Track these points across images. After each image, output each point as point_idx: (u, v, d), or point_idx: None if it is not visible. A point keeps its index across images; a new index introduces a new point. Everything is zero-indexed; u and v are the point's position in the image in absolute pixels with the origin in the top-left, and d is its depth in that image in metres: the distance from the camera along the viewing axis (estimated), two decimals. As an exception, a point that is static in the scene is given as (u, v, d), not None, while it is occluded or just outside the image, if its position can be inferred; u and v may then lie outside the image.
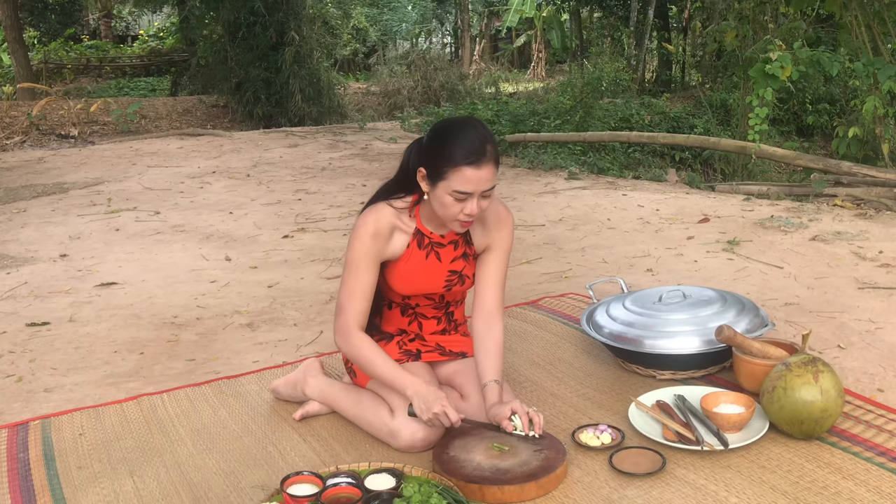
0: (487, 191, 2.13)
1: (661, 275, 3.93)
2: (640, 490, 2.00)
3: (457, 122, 2.18)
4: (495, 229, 2.34)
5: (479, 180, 2.10)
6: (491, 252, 2.35)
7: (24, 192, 6.98)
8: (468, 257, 2.36)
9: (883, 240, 4.42)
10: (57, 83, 18.72)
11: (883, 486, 1.96)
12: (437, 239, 2.30)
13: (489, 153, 2.11)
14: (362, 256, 2.23)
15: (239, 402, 2.66)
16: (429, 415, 2.11)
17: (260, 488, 2.11)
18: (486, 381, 2.27)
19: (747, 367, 2.42)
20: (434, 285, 2.34)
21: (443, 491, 1.92)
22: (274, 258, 4.60)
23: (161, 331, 3.45)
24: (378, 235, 2.23)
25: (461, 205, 2.13)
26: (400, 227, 2.27)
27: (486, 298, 2.35)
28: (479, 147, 2.10)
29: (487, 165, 2.10)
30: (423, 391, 2.14)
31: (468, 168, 2.09)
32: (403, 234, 2.28)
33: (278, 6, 13.41)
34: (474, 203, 2.13)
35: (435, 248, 2.31)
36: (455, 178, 2.10)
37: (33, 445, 2.41)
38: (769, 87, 6.35)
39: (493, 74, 18.96)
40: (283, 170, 7.95)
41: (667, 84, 16.68)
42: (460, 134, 2.12)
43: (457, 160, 2.09)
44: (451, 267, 2.33)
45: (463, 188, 2.10)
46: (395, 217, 2.26)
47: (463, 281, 2.37)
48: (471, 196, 2.12)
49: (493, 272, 2.35)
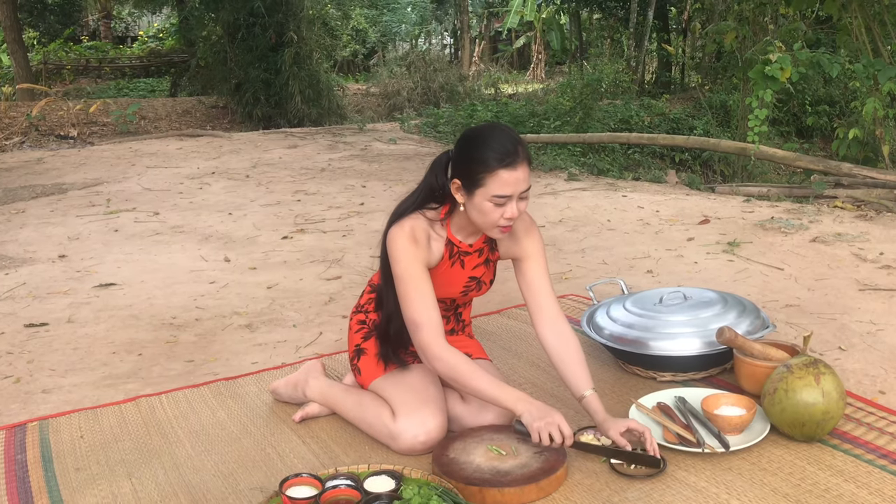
0: (525, 191, 2.12)
1: (661, 276, 3.93)
2: (640, 492, 1.99)
3: (484, 129, 2.17)
4: (525, 237, 2.32)
5: (516, 181, 2.09)
6: (527, 260, 2.32)
7: (22, 193, 6.97)
8: (489, 263, 2.35)
9: (883, 241, 4.41)
10: (56, 84, 18.72)
11: (885, 489, 1.95)
12: (465, 248, 2.29)
13: (521, 153, 2.10)
14: (414, 262, 2.17)
15: (238, 403, 2.65)
16: (541, 424, 2.03)
17: (259, 490, 2.10)
18: (582, 394, 2.19)
19: (748, 368, 2.41)
20: (453, 291, 2.34)
21: (442, 493, 1.91)
22: (273, 259, 4.59)
23: (160, 332, 3.44)
24: (417, 241, 2.20)
25: (501, 209, 2.11)
26: (433, 237, 2.25)
27: (542, 306, 2.30)
28: (512, 148, 2.09)
29: (522, 165, 2.09)
30: (533, 405, 2.08)
31: (504, 171, 2.07)
32: (438, 244, 2.26)
33: (278, 7, 13.40)
34: (514, 205, 2.12)
35: (462, 258, 2.30)
36: (493, 183, 2.08)
37: (31, 447, 2.40)
38: (769, 89, 6.35)
39: (492, 76, 18.97)
40: (282, 171, 7.94)
41: (666, 85, 16.69)
42: (490, 138, 2.11)
43: (492, 164, 2.08)
44: (471, 273, 2.33)
45: (501, 192, 2.08)
46: (428, 226, 2.24)
47: (480, 287, 2.36)
48: (510, 199, 2.10)
49: (538, 278, 2.31)
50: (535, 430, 2.04)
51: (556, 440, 2.04)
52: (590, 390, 2.19)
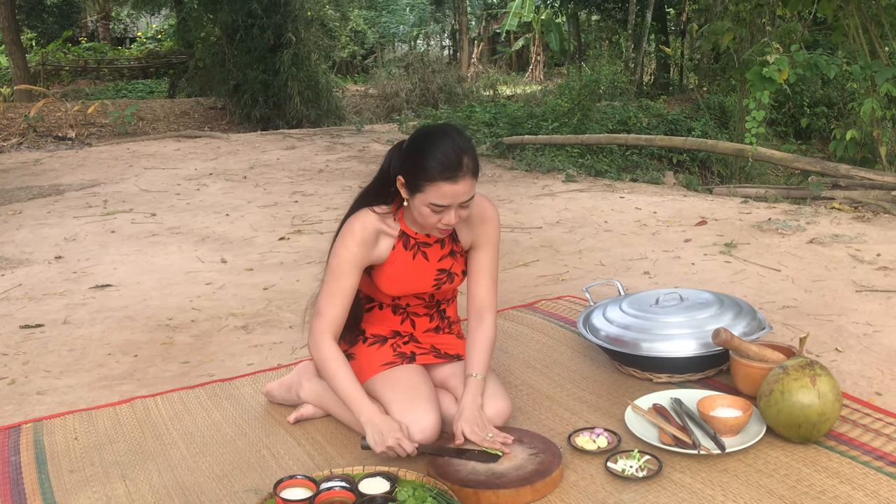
0: (466, 202, 2.12)
1: (658, 277, 3.92)
2: (636, 494, 1.99)
3: (434, 133, 2.14)
4: (480, 225, 2.32)
5: (455, 194, 2.08)
6: (478, 248, 2.35)
7: (19, 194, 6.96)
8: (455, 255, 2.35)
9: (881, 242, 4.41)
10: (54, 85, 18.72)
11: (880, 490, 1.95)
12: (422, 238, 2.30)
13: (466, 167, 2.07)
14: (346, 262, 2.21)
15: (233, 404, 2.64)
16: (382, 447, 2.07)
17: (253, 492, 2.09)
18: (468, 373, 2.27)
19: (744, 370, 2.41)
20: (423, 285, 2.33)
21: (437, 495, 1.91)
22: (270, 260, 4.58)
23: (155, 333, 3.43)
24: (364, 243, 2.21)
25: (439, 216, 2.12)
26: (385, 231, 2.26)
27: (476, 294, 2.35)
28: (456, 161, 2.06)
29: (464, 179, 2.07)
30: (377, 421, 2.10)
31: (445, 183, 2.06)
32: (388, 238, 2.27)
33: (276, 8, 13.40)
34: (451, 214, 2.11)
35: (422, 248, 2.30)
36: (431, 192, 2.08)
37: (25, 448, 2.39)
38: (766, 90, 6.34)
39: (490, 77, 18.97)
40: (280, 172, 7.94)
41: (664, 87, 16.70)
42: (437, 147, 2.08)
43: (433, 175, 2.06)
44: (439, 266, 2.32)
45: (440, 202, 2.08)
46: (379, 221, 2.25)
47: (452, 279, 2.36)
48: (448, 208, 2.10)
49: (481, 268, 2.35)
50: (378, 446, 2.08)
51: (401, 455, 2.07)
52: (473, 374, 2.26)
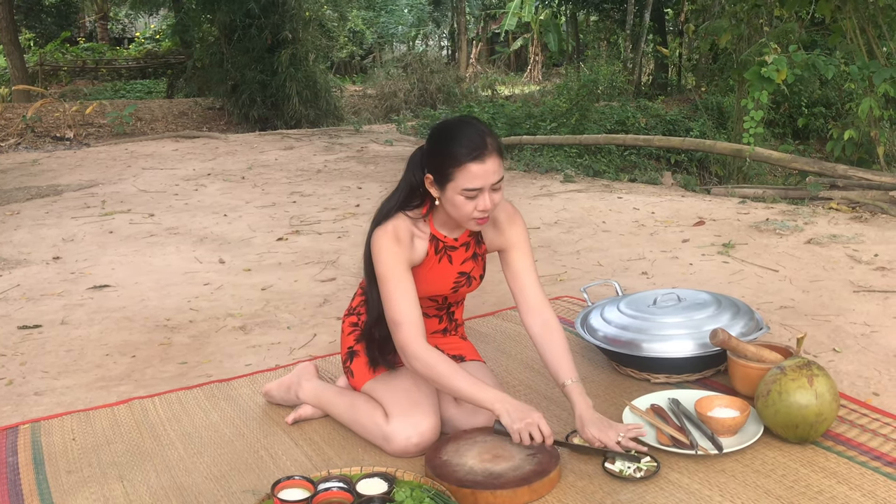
0: (496, 183, 2.12)
1: (655, 278, 3.92)
2: (633, 494, 1.99)
3: (453, 122, 2.19)
4: (509, 227, 2.32)
5: (485, 174, 2.09)
6: (512, 250, 2.33)
7: (17, 195, 6.96)
8: (477, 258, 2.35)
9: (878, 243, 4.41)
10: (52, 85, 18.71)
11: (878, 491, 1.95)
12: (450, 243, 2.30)
13: (490, 145, 2.10)
14: (396, 263, 2.18)
15: (231, 405, 2.64)
16: (521, 425, 2.03)
17: (251, 493, 2.09)
18: (563, 382, 2.20)
19: (742, 370, 2.41)
20: (442, 288, 2.34)
21: (435, 496, 1.91)
22: (268, 261, 4.58)
23: (153, 334, 3.43)
24: (402, 242, 2.20)
25: (473, 202, 2.12)
26: (417, 234, 2.26)
27: (527, 296, 2.31)
28: (480, 141, 2.09)
29: (491, 157, 2.09)
30: (512, 406, 2.08)
31: (473, 164, 2.08)
32: (422, 241, 2.26)
33: (274, 8, 13.40)
34: (486, 198, 2.12)
35: (448, 252, 2.30)
36: (462, 177, 2.09)
37: (22, 449, 2.39)
38: (764, 90, 6.35)
39: (489, 77, 18.99)
40: (278, 172, 7.94)
41: (663, 87, 16.72)
42: (458, 132, 2.12)
43: (460, 158, 2.09)
44: (461, 269, 2.33)
45: (471, 185, 2.09)
46: (411, 225, 2.24)
47: (470, 282, 2.36)
48: (481, 192, 2.11)
49: (523, 268, 2.32)
50: (515, 431, 2.05)
51: (537, 439, 2.05)
52: (570, 380, 2.19)
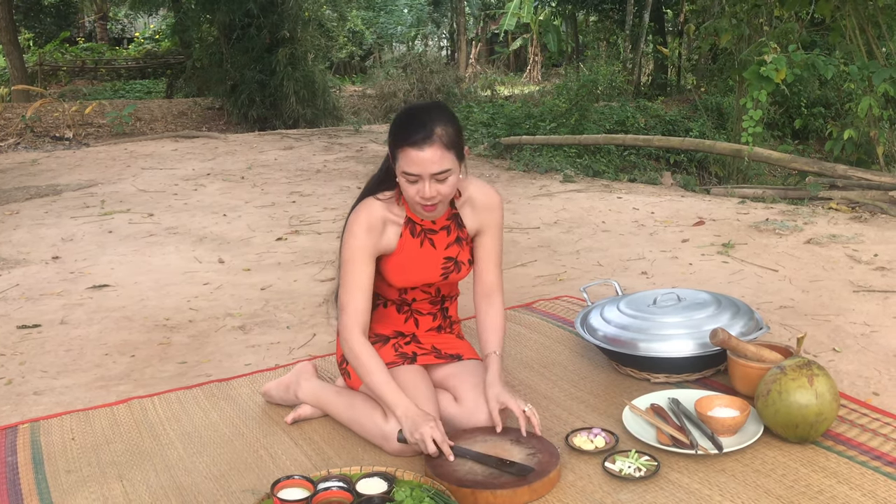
0: (439, 174, 2.10)
1: (655, 277, 3.92)
2: (633, 494, 1.99)
3: (414, 106, 2.20)
4: (485, 211, 2.35)
5: (422, 162, 2.07)
6: (483, 234, 2.37)
7: (17, 194, 6.95)
8: (461, 242, 2.36)
9: (878, 243, 4.41)
10: (52, 85, 18.71)
11: (878, 491, 1.95)
12: (428, 225, 2.30)
13: (436, 135, 2.07)
14: (358, 250, 2.22)
15: (230, 405, 2.63)
16: (416, 436, 2.06)
17: (250, 492, 2.09)
18: (486, 353, 2.32)
19: (742, 370, 2.41)
20: (431, 274, 2.34)
21: (435, 495, 1.90)
22: (267, 260, 4.58)
23: (153, 333, 3.42)
24: (371, 229, 2.23)
25: (415, 187, 2.13)
26: (391, 219, 2.27)
27: (483, 277, 2.39)
28: (420, 127, 2.07)
29: (432, 147, 2.07)
30: (413, 414, 2.10)
31: (411, 149, 2.08)
32: (395, 226, 2.28)
33: (273, 8, 13.40)
34: (426, 186, 2.11)
35: (428, 236, 2.31)
36: (402, 160, 2.11)
37: (22, 449, 2.39)
38: (763, 90, 6.35)
39: (488, 77, 18.98)
40: (277, 172, 7.94)
41: (662, 87, 16.72)
42: (410, 116, 2.14)
43: (399, 142, 2.10)
44: (446, 254, 2.33)
45: (409, 169, 2.10)
46: (384, 209, 2.26)
47: (459, 268, 2.37)
48: (420, 178, 2.10)
49: (487, 252, 2.38)
50: (412, 442, 2.09)
51: (430, 450, 2.04)
52: (493, 352, 2.31)
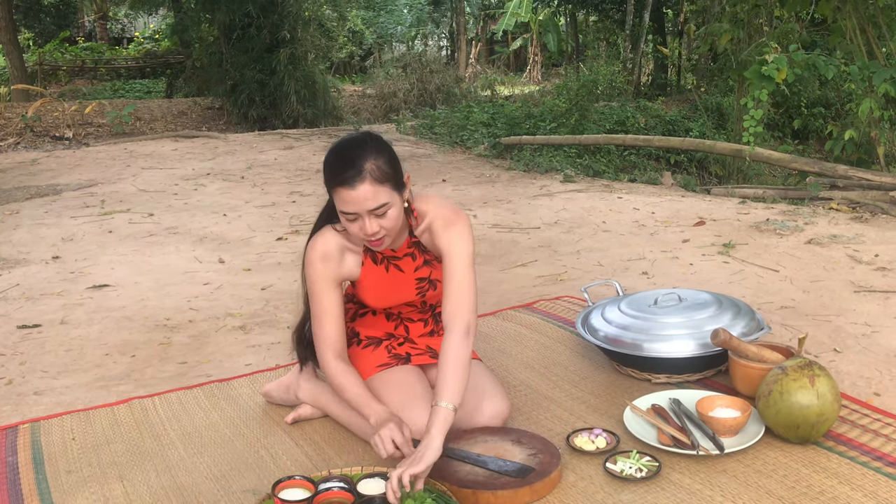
0: (377, 209, 2.00)
1: (656, 278, 3.92)
2: (634, 495, 1.98)
3: (342, 142, 2.08)
4: (443, 233, 2.19)
5: (356, 200, 1.98)
6: (445, 257, 2.19)
7: (16, 194, 6.95)
8: (431, 263, 2.29)
9: (879, 243, 4.41)
10: (52, 85, 18.70)
11: (879, 491, 1.95)
12: (389, 253, 2.24)
13: (366, 171, 1.97)
14: (317, 281, 2.19)
15: (231, 405, 2.63)
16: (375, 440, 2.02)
17: (251, 493, 2.09)
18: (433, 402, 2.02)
19: (743, 370, 2.41)
20: (406, 295, 2.31)
21: (436, 496, 1.90)
22: (267, 260, 4.58)
23: (153, 333, 3.42)
24: (327, 258, 2.18)
25: (356, 224, 2.04)
26: (349, 248, 2.22)
27: (444, 306, 2.15)
28: (349, 165, 1.98)
29: (363, 184, 1.97)
30: (383, 420, 2.06)
31: (342, 189, 1.99)
32: (354, 254, 2.23)
33: (273, 8, 13.40)
34: (366, 223, 2.02)
35: (392, 262, 2.25)
36: (337, 200, 2.03)
37: (22, 449, 2.39)
38: (764, 89, 6.35)
39: (488, 77, 18.98)
40: (277, 172, 7.93)
41: (662, 87, 16.71)
42: (337, 155, 2.03)
43: (332, 182, 2.02)
44: (417, 275, 2.29)
45: (345, 209, 2.02)
46: (341, 238, 2.20)
47: (434, 285, 2.32)
48: (359, 216, 2.02)
49: (448, 277, 2.16)
50: (374, 443, 2.02)
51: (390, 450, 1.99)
52: (444, 403, 1.99)
